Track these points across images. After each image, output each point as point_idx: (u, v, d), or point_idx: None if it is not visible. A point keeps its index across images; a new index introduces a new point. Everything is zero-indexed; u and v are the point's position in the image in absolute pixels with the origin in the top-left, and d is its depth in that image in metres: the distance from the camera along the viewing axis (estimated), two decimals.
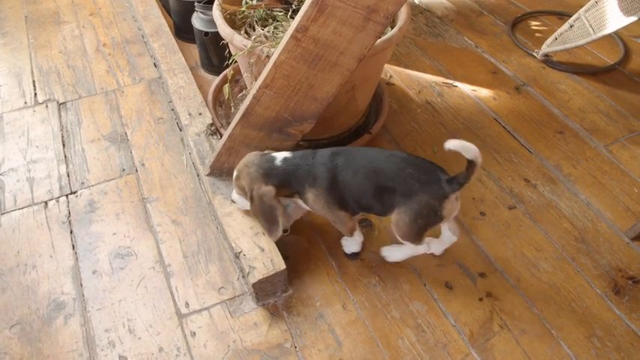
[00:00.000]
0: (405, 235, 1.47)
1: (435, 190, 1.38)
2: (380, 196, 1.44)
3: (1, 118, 2.16)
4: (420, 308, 1.56)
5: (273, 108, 1.53)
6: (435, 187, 1.38)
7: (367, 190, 1.44)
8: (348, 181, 1.44)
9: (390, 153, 1.45)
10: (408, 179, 1.39)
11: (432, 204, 1.39)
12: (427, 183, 1.38)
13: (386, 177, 1.41)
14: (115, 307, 1.57)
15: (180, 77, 2.09)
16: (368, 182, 1.43)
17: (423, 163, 1.43)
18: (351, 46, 1.40)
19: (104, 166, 1.96)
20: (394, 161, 1.42)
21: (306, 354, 1.46)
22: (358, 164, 1.44)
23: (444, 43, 2.48)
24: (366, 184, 1.43)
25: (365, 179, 1.43)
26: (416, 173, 1.39)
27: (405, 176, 1.39)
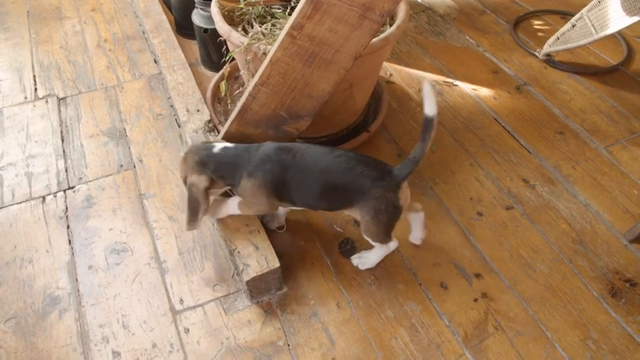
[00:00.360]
0: (373, 236, 1.49)
1: (386, 183, 1.40)
2: (329, 195, 1.44)
3: (1, 112, 2.16)
4: (414, 308, 1.55)
5: (269, 105, 1.53)
6: (386, 179, 1.40)
7: (315, 190, 1.44)
8: (296, 179, 1.43)
9: (338, 152, 1.45)
10: (359, 177, 1.40)
11: (388, 196, 1.41)
12: (377, 178, 1.40)
13: (335, 176, 1.42)
14: (110, 303, 1.57)
15: (180, 74, 2.09)
16: (316, 182, 1.43)
17: (370, 160, 1.44)
18: (346, 44, 1.40)
19: (102, 161, 1.96)
20: (343, 160, 1.42)
21: (299, 352, 1.46)
22: (306, 163, 1.43)
23: (445, 41, 2.47)
24: (314, 183, 1.43)
25: (313, 179, 1.42)
26: (366, 170, 1.40)
27: (355, 175, 1.40)
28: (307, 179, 1.43)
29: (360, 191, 1.41)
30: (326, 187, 1.43)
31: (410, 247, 1.68)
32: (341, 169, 1.41)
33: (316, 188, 1.43)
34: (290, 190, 1.45)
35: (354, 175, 1.40)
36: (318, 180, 1.42)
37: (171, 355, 1.46)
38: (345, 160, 1.42)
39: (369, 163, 1.43)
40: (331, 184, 1.42)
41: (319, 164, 1.42)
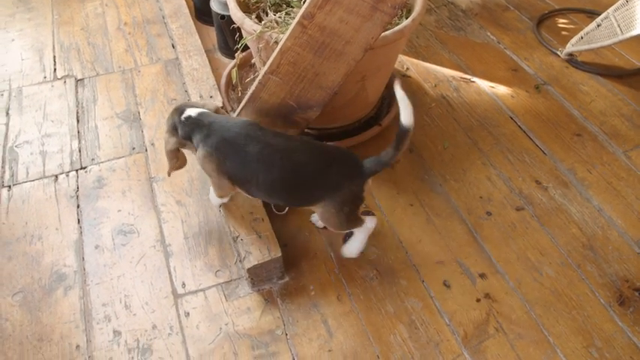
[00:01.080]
0: (336, 227, 1.50)
1: (357, 181, 1.41)
2: (293, 191, 1.44)
3: (21, 91, 2.20)
4: (415, 305, 1.54)
5: (278, 94, 1.52)
6: (357, 177, 1.41)
7: (276, 184, 1.41)
8: (250, 168, 1.41)
9: (313, 145, 1.45)
10: (334, 176, 1.39)
11: (355, 190, 1.42)
12: (351, 176, 1.40)
13: (309, 176, 1.40)
14: (114, 283, 1.60)
15: (195, 59, 2.10)
16: (279, 177, 1.40)
17: (339, 154, 1.44)
18: (357, 36, 1.38)
19: (115, 143, 1.99)
20: (318, 157, 1.41)
21: (297, 342, 1.47)
22: (270, 157, 1.39)
23: (466, 37, 2.42)
24: (275, 177, 1.40)
25: (275, 173, 1.39)
26: (342, 169, 1.40)
27: (331, 174, 1.39)
28: (268, 172, 1.39)
29: (331, 189, 1.40)
30: (291, 183, 1.41)
31: (415, 244, 1.67)
32: (313, 168, 1.40)
33: (277, 182, 1.40)
34: (251, 180, 1.42)
35: (330, 174, 1.39)
36: (281, 175, 1.39)
37: (170, 337, 1.48)
38: (319, 156, 1.41)
39: (341, 159, 1.42)
40: (299, 182, 1.41)
41: (286, 161, 1.39)
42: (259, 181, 1.41)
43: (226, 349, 1.45)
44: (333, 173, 1.39)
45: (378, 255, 1.65)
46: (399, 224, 1.73)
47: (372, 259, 1.64)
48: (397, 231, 1.71)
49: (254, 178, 1.41)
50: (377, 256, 1.65)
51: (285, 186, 1.41)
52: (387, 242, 1.68)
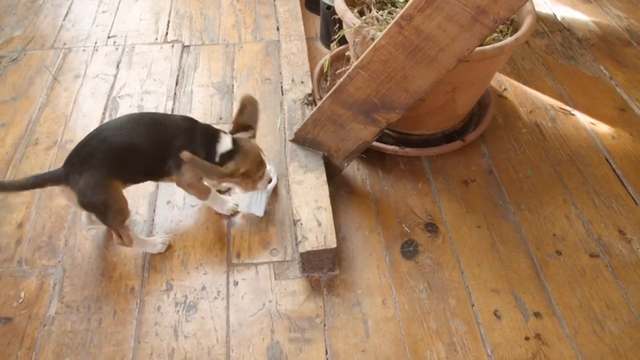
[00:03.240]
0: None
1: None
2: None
3: (133, 48, 2.37)
4: (459, 327, 1.49)
5: (364, 90, 1.53)
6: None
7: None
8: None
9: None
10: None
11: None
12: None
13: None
14: (176, 239, 1.68)
15: (294, 44, 2.15)
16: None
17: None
18: (452, 45, 1.35)
19: (205, 110, 2.09)
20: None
21: (333, 335, 1.47)
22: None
23: (576, 67, 2.29)
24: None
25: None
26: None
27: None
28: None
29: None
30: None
31: (473, 266, 1.62)
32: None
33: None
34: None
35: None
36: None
37: (215, 300, 1.54)
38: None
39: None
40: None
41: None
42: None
43: (265, 324, 1.49)
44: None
45: (432, 269, 1.62)
46: (461, 243, 1.68)
47: (425, 271, 1.61)
48: (458, 249, 1.66)
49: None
50: (431, 269, 1.62)
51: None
52: (444, 258, 1.64)
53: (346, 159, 1.73)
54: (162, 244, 1.63)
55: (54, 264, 1.63)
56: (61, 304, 1.54)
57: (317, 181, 1.67)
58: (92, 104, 2.11)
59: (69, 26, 2.49)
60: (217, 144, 1.50)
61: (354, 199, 1.80)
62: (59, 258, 1.64)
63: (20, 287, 1.58)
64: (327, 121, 1.66)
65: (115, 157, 1.42)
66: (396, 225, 1.73)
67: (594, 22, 2.54)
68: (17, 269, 1.62)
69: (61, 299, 1.55)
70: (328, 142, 1.71)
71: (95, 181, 1.40)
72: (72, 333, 1.48)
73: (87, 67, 2.27)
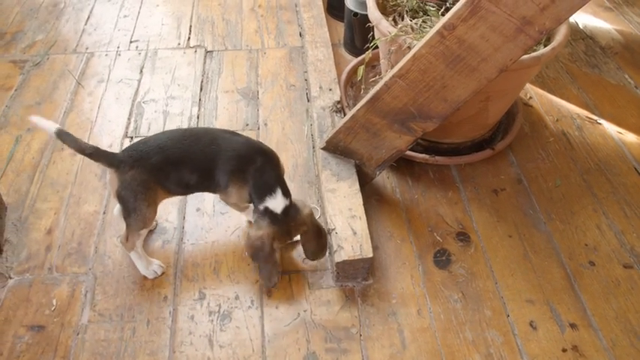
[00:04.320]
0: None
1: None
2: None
3: (156, 53, 2.36)
4: (495, 338, 1.48)
5: (401, 99, 1.52)
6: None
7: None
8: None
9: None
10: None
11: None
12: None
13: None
14: (207, 247, 1.67)
15: (321, 51, 2.14)
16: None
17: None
18: (495, 55, 1.35)
19: (231, 116, 2.08)
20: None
21: (369, 345, 1.46)
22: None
23: (600, 75, 2.29)
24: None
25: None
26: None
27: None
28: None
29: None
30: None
31: (507, 277, 1.61)
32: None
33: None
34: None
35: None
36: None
37: (249, 310, 1.53)
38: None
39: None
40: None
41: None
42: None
43: (300, 334, 1.48)
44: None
45: (466, 278, 1.61)
46: (493, 253, 1.67)
47: (459, 281, 1.60)
48: (490, 259, 1.65)
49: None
50: (465, 279, 1.61)
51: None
52: (477, 268, 1.63)
53: (378, 167, 1.73)
54: (153, 271, 1.59)
55: (85, 271, 1.61)
56: (93, 313, 1.52)
57: (350, 190, 1.66)
58: (117, 109, 2.10)
59: (91, 30, 2.48)
60: (270, 196, 1.46)
61: (384, 207, 1.79)
62: (90, 265, 1.63)
63: (52, 295, 1.56)
64: (360, 129, 1.65)
65: (168, 167, 1.43)
66: (428, 234, 1.72)
67: (617, 30, 2.54)
68: (48, 276, 1.60)
69: (93, 307, 1.53)
70: (361, 150, 1.70)
71: (142, 179, 1.41)
72: (105, 342, 1.46)
73: (110, 72, 2.26)
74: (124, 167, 1.40)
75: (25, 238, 1.69)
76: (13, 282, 1.59)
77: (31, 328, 1.49)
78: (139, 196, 1.42)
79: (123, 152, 1.45)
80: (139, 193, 1.42)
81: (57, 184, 1.84)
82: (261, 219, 1.46)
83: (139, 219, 1.46)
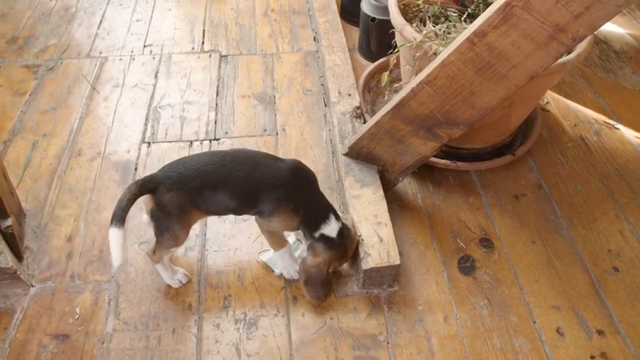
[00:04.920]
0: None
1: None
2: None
3: (170, 57, 2.35)
4: (523, 345, 1.48)
5: (428, 106, 1.52)
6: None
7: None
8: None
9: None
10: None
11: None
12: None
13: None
14: (231, 254, 1.66)
15: (338, 55, 2.14)
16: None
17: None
18: (526, 62, 1.35)
19: (248, 121, 2.07)
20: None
21: (397, 352, 1.46)
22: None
23: (615, 80, 2.30)
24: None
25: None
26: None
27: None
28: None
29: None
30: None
31: (532, 283, 1.61)
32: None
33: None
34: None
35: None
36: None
37: (276, 318, 1.52)
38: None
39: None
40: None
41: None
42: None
43: (328, 342, 1.47)
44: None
45: (491, 285, 1.61)
46: (517, 259, 1.67)
47: (484, 287, 1.60)
48: (514, 265, 1.65)
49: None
50: (490, 285, 1.61)
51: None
52: (502, 274, 1.63)
53: (401, 174, 1.72)
54: (178, 281, 1.58)
55: (107, 279, 1.60)
56: (117, 321, 1.51)
57: (374, 196, 1.65)
58: (133, 115, 2.09)
59: (104, 35, 2.46)
60: (324, 224, 1.44)
61: (406, 213, 1.79)
62: (112, 273, 1.61)
63: (75, 303, 1.55)
64: (384, 135, 1.64)
65: (207, 192, 1.40)
66: (451, 240, 1.72)
67: (630, 35, 2.54)
68: (70, 284, 1.59)
69: (117, 316, 1.52)
70: (384, 156, 1.70)
71: (179, 204, 1.38)
72: (131, 351, 1.45)
73: (125, 77, 2.24)
74: (162, 189, 1.37)
75: (45, 246, 1.68)
76: (35, 290, 1.57)
77: (56, 337, 1.48)
78: (174, 218, 1.40)
79: (162, 172, 1.41)
80: (174, 216, 1.39)
81: (75, 190, 1.83)
82: (317, 245, 1.45)
83: (171, 239, 1.44)
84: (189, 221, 1.44)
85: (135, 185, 1.38)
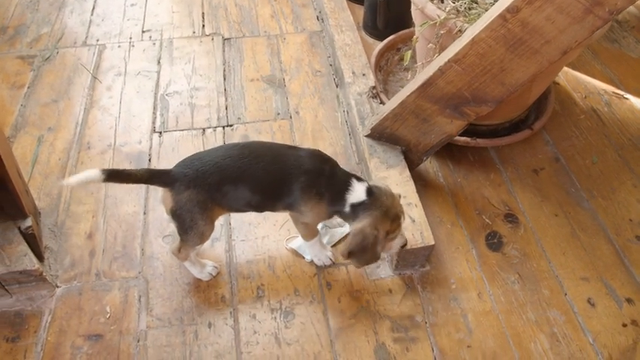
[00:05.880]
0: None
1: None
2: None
3: (171, 42, 2.27)
4: (557, 317, 1.51)
5: (456, 84, 1.50)
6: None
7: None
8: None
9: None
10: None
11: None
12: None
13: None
14: (258, 242, 1.64)
15: (347, 35, 2.10)
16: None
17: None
18: (560, 37, 1.34)
19: (260, 106, 2.02)
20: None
21: (436, 332, 1.47)
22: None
23: (620, 50, 2.32)
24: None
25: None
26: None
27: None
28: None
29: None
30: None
31: (559, 256, 1.63)
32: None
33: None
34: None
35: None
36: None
37: (312, 305, 1.51)
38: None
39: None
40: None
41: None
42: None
43: (366, 326, 1.47)
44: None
45: (520, 259, 1.62)
46: (542, 232, 1.69)
47: (514, 262, 1.62)
48: (541, 239, 1.67)
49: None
50: (519, 260, 1.62)
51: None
52: (529, 249, 1.65)
53: (425, 153, 1.71)
54: (208, 274, 1.55)
55: (134, 275, 1.56)
56: (151, 318, 1.48)
57: (401, 177, 1.64)
58: (140, 104, 2.02)
59: (98, 21, 2.36)
60: (348, 192, 1.36)
61: (430, 192, 1.78)
62: (139, 269, 1.58)
63: (104, 302, 1.51)
64: (409, 115, 1.63)
65: (227, 187, 1.34)
66: (477, 217, 1.73)
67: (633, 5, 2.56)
68: (97, 283, 1.54)
69: (149, 312, 1.49)
70: (408, 136, 1.68)
71: (198, 201, 1.32)
72: (169, 347, 1.42)
73: (126, 65, 2.16)
74: (179, 187, 1.31)
75: (65, 244, 1.63)
76: (61, 290, 1.53)
77: (89, 337, 1.44)
78: (196, 215, 1.34)
79: (177, 169, 1.35)
80: (195, 213, 1.34)
81: (90, 185, 1.77)
82: (352, 217, 1.37)
83: (196, 236, 1.39)
84: (211, 217, 1.39)
85: (146, 170, 1.33)
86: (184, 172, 1.32)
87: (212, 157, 1.34)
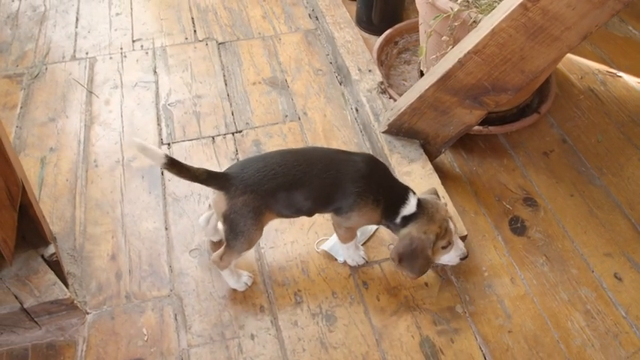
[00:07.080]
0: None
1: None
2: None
3: (165, 50, 2.21)
4: (588, 294, 1.55)
5: (476, 75, 1.52)
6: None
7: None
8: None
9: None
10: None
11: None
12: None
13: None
14: (288, 248, 1.62)
15: (347, 32, 2.09)
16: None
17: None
18: (580, 22, 1.37)
19: (267, 109, 1.99)
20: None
21: (476, 320, 1.49)
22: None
23: (606, 30, 2.39)
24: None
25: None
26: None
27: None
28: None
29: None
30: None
31: (581, 234, 1.67)
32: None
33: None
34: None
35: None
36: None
37: (352, 306, 1.50)
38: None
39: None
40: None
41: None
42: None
43: (409, 321, 1.48)
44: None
45: (544, 241, 1.66)
46: (561, 213, 1.73)
47: (539, 245, 1.65)
48: (561, 220, 1.71)
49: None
50: (544, 242, 1.66)
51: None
52: (552, 230, 1.69)
53: (444, 145, 1.73)
54: (244, 283, 1.53)
55: (166, 294, 1.52)
56: (191, 335, 1.44)
57: (424, 171, 1.65)
58: (142, 116, 1.96)
59: (85, 33, 2.27)
60: (403, 206, 1.38)
61: (448, 182, 1.80)
62: (170, 286, 1.54)
63: (139, 324, 1.46)
64: (427, 108, 1.64)
65: (281, 193, 1.34)
66: (497, 204, 1.75)
67: None
68: (128, 305, 1.50)
69: (188, 330, 1.45)
70: (427, 129, 1.69)
71: (253, 206, 1.31)
72: None
73: (121, 76, 2.09)
74: (235, 191, 1.31)
75: (88, 268, 1.57)
76: (92, 317, 1.47)
77: None
78: (249, 221, 1.33)
79: (233, 173, 1.33)
80: (249, 219, 1.33)
81: (104, 204, 1.71)
82: (400, 228, 1.39)
83: (245, 242, 1.38)
84: (262, 223, 1.38)
85: (205, 170, 1.31)
86: (241, 177, 1.31)
87: (267, 163, 1.34)
